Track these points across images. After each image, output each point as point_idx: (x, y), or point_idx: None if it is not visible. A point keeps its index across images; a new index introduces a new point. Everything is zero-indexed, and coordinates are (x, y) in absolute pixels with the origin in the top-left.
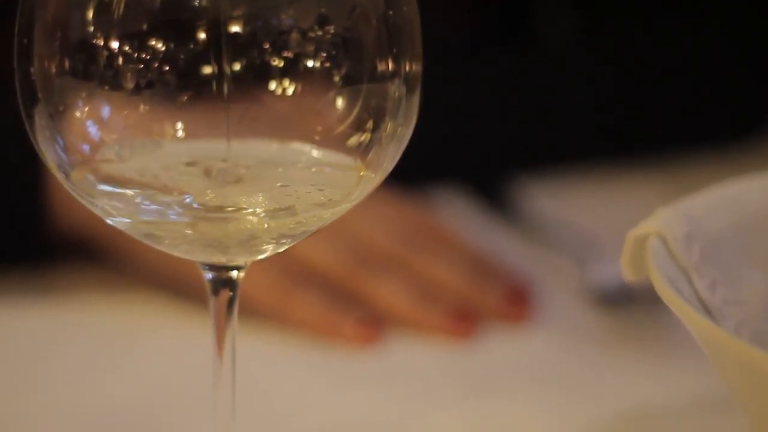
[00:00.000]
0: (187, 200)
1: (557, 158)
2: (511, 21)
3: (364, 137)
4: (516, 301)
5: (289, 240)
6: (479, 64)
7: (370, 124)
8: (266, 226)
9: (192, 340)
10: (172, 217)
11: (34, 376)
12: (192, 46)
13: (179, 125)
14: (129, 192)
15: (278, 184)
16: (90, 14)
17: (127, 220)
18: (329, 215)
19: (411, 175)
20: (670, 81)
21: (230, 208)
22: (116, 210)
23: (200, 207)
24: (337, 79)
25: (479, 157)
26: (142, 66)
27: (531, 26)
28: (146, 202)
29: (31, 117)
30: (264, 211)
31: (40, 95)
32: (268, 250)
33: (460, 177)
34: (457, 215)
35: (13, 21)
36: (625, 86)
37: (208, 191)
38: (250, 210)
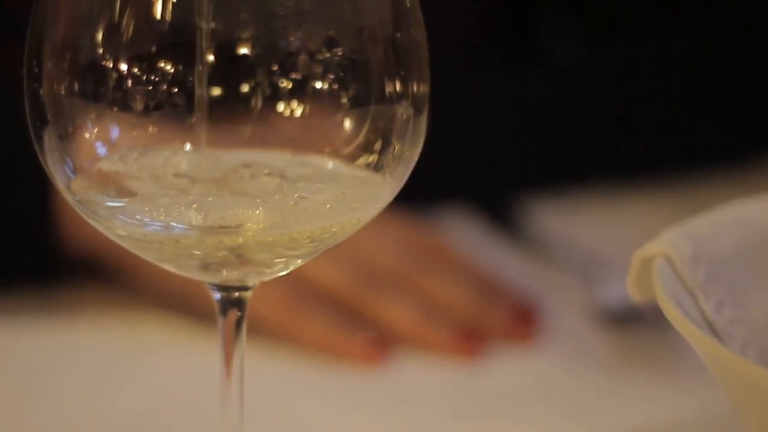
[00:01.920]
0: (200, 218)
1: (564, 177)
2: (517, 40)
3: (372, 159)
4: (523, 321)
5: (299, 257)
6: (484, 82)
7: (378, 146)
8: (272, 240)
9: (200, 358)
10: (178, 232)
11: (43, 394)
12: (200, 68)
13: (187, 145)
14: (136, 211)
15: (288, 200)
16: (99, 36)
17: (134, 238)
18: (340, 231)
19: (418, 194)
20: (676, 100)
21: (237, 224)
22: (123, 228)
23: (207, 224)
24: (345, 100)
25: (486, 177)
26: (150, 87)
27: (537, 45)
28: (153, 220)
29: (40, 138)
30: (271, 227)
31: (49, 116)
32: (278, 267)
33: (466, 196)
34: (464, 235)
35: (22, 42)
36: (632, 105)
37: (216, 208)
38: (257, 225)
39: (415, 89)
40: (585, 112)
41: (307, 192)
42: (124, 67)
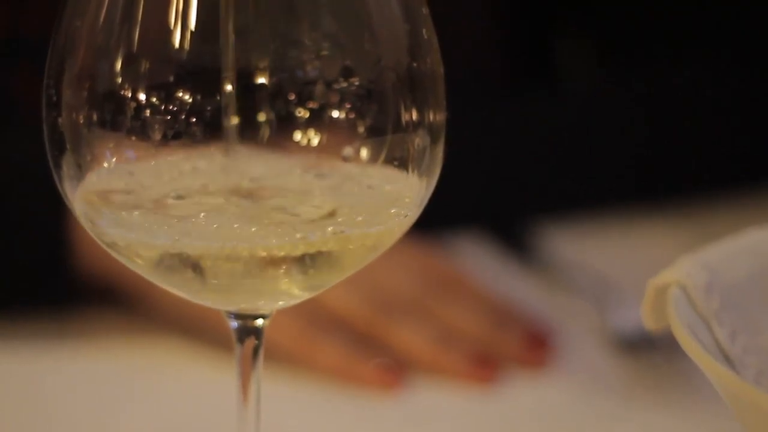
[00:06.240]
0: (216, 243)
1: (578, 203)
2: (531, 66)
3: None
4: (537, 347)
5: (315, 284)
6: (498, 109)
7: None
8: (287, 262)
9: (217, 385)
10: (195, 257)
11: (57, 419)
12: (218, 98)
13: (204, 174)
14: (153, 234)
15: (302, 224)
16: (118, 66)
17: (152, 266)
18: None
19: (432, 221)
20: (690, 125)
21: (254, 248)
22: (139, 255)
23: (225, 248)
24: (361, 129)
25: (499, 203)
26: (169, 117)
27: (551, 71)
28: (171, 245)
29: (58, 166)
30: (287, 248)
31: (68, 145)
32: (297, 293)
33: (480, 222)
34: (478, 261)
35: (42, 71)
36: (646, 131)
37: (233, 232)
38: (276, 247)
39: (431, 118)
40: (598, 137)
41: (317, 215)
42: (142, 96)
